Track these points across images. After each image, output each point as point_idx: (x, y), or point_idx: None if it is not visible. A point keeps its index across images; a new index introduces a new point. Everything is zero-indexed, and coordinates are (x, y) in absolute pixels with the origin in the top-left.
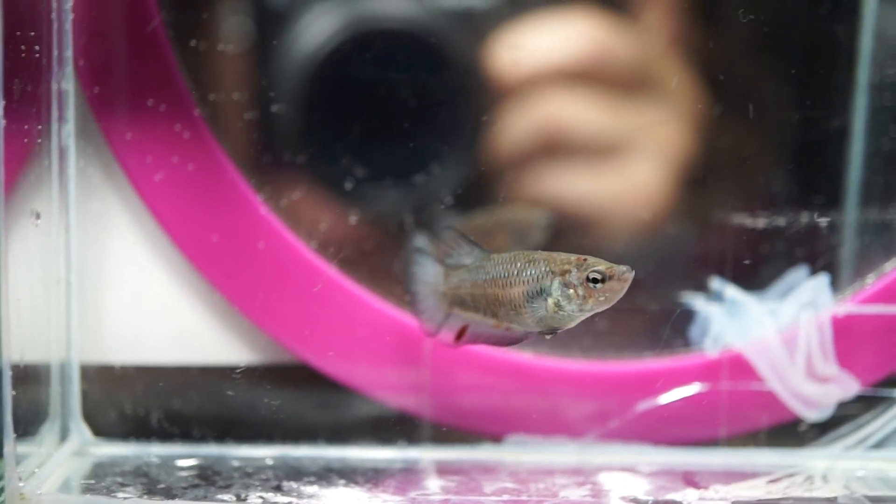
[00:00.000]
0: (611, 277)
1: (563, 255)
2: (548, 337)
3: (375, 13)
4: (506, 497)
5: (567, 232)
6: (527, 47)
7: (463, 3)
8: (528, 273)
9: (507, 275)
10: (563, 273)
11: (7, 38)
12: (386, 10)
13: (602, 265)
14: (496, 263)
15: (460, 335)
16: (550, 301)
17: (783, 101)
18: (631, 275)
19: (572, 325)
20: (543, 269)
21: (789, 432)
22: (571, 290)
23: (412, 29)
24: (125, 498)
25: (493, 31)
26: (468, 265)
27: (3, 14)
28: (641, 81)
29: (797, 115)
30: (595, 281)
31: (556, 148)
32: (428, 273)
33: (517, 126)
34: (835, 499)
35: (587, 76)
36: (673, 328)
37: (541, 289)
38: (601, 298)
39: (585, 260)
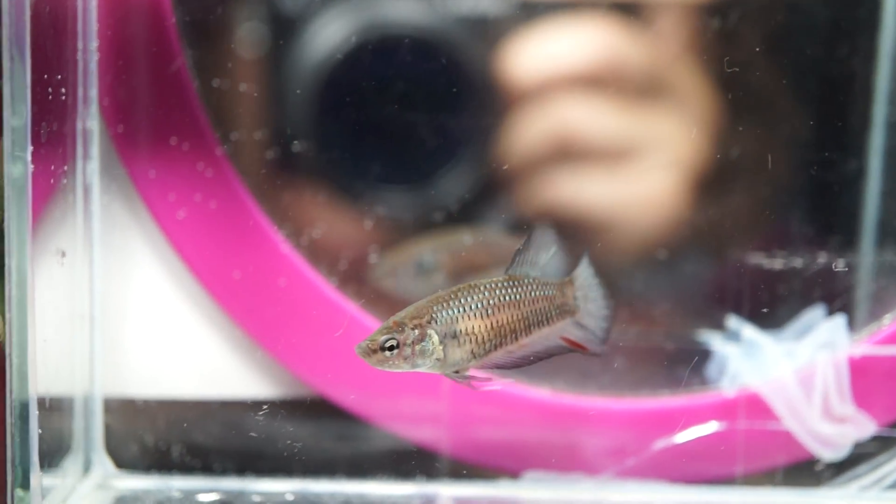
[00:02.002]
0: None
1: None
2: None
3: (396, 61)
4: None
5: (579, 238)
6: (540, 53)
7: (476, 9)
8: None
9: None
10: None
11: (35, 83)
12: (405, 50)
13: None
14: None
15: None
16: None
17: (800, 141)
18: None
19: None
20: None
21: (806, 472)
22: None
23: (431, 48)
24: None
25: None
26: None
27: (31, 59)
28: (655, 87)
29: (814, 155)
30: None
31: (568, 153)
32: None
33: (530, 131)
34: None
35: (600, 82)
36: (691, 367)
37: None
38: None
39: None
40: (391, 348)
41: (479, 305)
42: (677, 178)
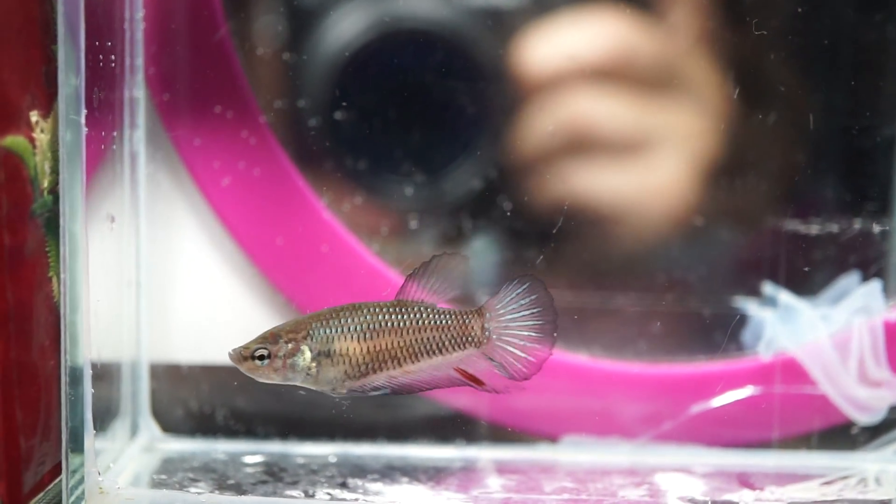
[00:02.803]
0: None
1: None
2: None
3: (430, 19)
4: (566, 496)
5: (592, 229)
6: (554, 46)
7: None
8: None
9: None
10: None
11: (88, 49)
12: (447, 17)
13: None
14: None
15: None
16: None
17: (836, 109)
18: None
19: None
20: None
21: (841, 435)
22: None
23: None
24: (198, 493)
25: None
26: None
27: (85, 24)
28: (668, 79)
29: (849, 122)
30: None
31: (582, 145)
32: None
33: (544, 123)
34: (889, 501)
35: (613, 74)
36: (726, 332)
37: None
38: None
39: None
40: (261, 357)
41: (359, 328)
42: (691, 167)
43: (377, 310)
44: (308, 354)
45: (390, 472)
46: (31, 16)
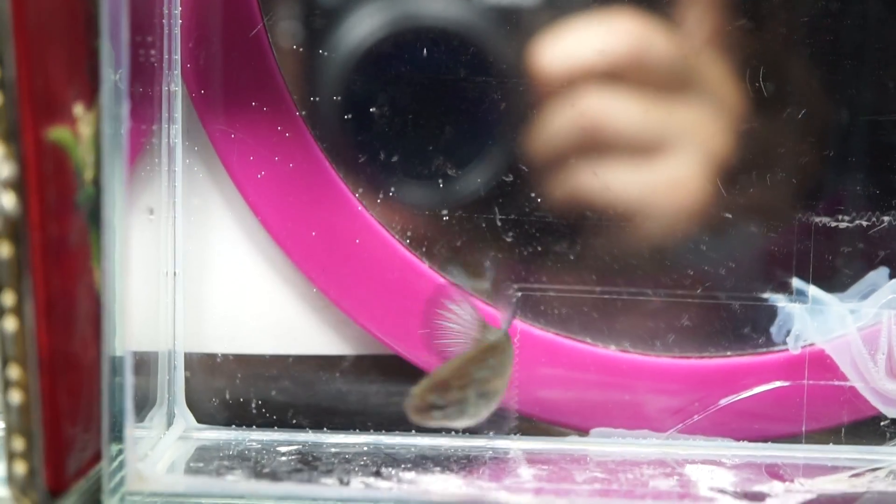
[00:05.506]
0: None
1: None
2: None
3: (460, 17)
4: (597, 486)
5: (608, 227)
6: (569, 46)
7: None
8: None
9: None
10: None
11: (129, 44)
12: (476, 14)
13: None
14: None
15: None
16: None
17: (865, 104)
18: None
19: None
20: None
21: (870, 429)
22: None
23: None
24: (235, 480)
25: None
26: None
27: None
28: (682, 79)
29: (878, 117)
30: None
31: (596, 144)
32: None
33: (559, 122)
34: None
35: (628, 74)
36: (755, 326)
37: None
38: None
39: None
40: (439, 408)
41: (499, 366)
42: (704, 167)
43: (496, 347)
44: (473, 399)
45: (422, 461)
46: (75, 11)
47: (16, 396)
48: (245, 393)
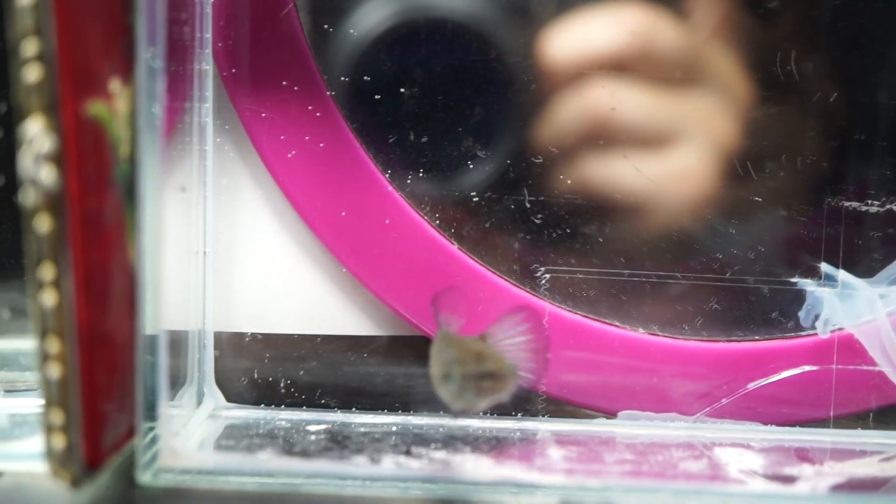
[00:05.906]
0: None
1: None
2: None
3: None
4: (628, 467)
5: (617, 217)
6: (578, 37)
7: None
8: None
9: None
10: None
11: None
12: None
13: None
14: None
15: None
16: None
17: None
18: None
19: None
20: None
21: None
22: None
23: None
24: (266, 458)
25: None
26: None
27: None
28: (691, 70)
29: None
30: None
31: (604, 135)
32: None
33: (568, 113)
34: None
35: (636, 65)
36: (784, 310)
37: None
38: None
39: None
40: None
41: None
42: (712, 158)
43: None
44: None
45: (452, 441)
46: None
47: (55, 370)
48: (273, 372)
